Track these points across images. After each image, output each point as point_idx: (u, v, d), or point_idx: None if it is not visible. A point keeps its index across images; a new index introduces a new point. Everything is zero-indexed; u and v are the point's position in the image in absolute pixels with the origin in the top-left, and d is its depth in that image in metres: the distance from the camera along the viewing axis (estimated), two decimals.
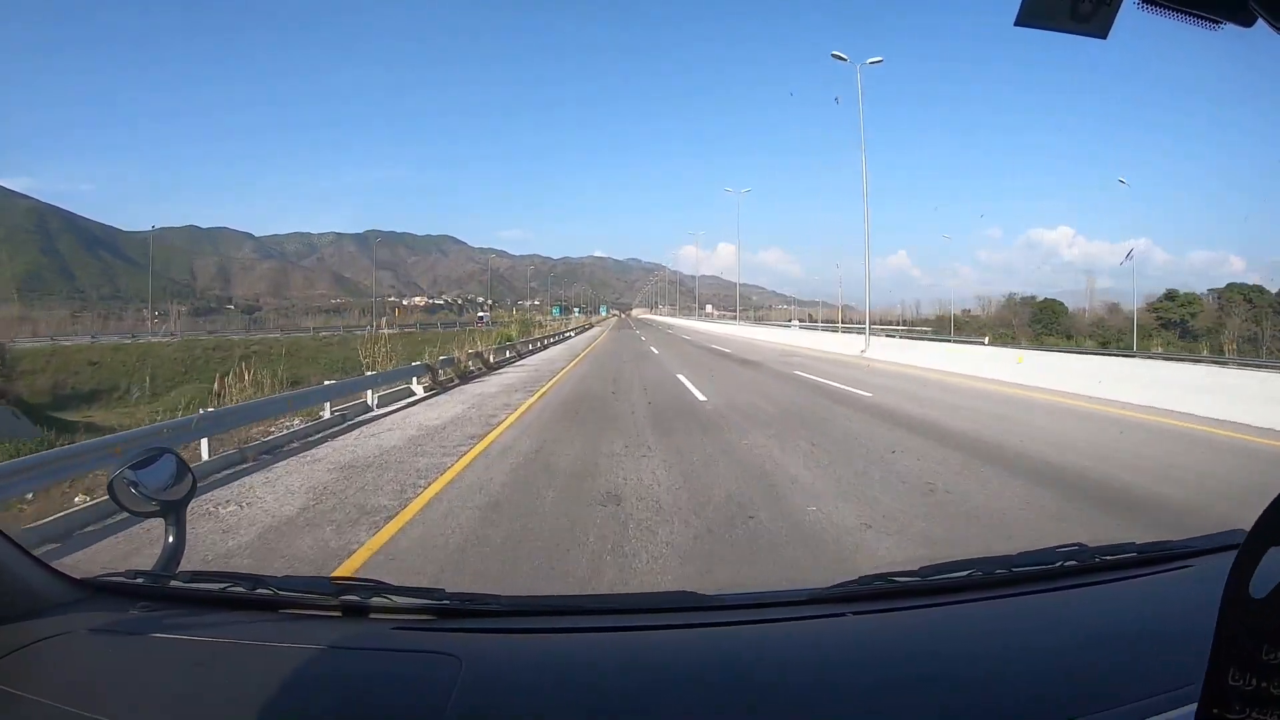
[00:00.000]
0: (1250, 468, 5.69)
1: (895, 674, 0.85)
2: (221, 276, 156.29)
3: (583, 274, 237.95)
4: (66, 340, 36.30)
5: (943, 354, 16.44)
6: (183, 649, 0.90)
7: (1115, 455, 5.93)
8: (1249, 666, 0.45)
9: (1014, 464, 5.48)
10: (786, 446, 6.12)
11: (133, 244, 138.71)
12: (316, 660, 0.87)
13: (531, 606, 1.10)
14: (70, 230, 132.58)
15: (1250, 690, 0.45)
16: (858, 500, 4.36)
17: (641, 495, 4.48)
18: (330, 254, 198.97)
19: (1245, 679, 0.45)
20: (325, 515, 4.20)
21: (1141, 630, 0.94)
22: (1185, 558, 1.13)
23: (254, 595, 1.02)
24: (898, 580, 1.06)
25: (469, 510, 4.22)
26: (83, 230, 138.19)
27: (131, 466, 1.08)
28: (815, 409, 8.79)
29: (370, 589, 1.00)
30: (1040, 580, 1.08)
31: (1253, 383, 9.06)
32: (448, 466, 5.51)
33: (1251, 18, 0.60)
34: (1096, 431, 7.25)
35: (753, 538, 3.65)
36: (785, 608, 1.02)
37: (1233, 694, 0.46)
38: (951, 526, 3.87)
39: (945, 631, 0.96)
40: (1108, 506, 4.30)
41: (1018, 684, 0.82)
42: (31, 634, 0.89)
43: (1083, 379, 10.72)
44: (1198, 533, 1.19)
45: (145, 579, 1.04)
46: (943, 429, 7.26)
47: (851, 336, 23.67)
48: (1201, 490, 4.79)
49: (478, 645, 0.91)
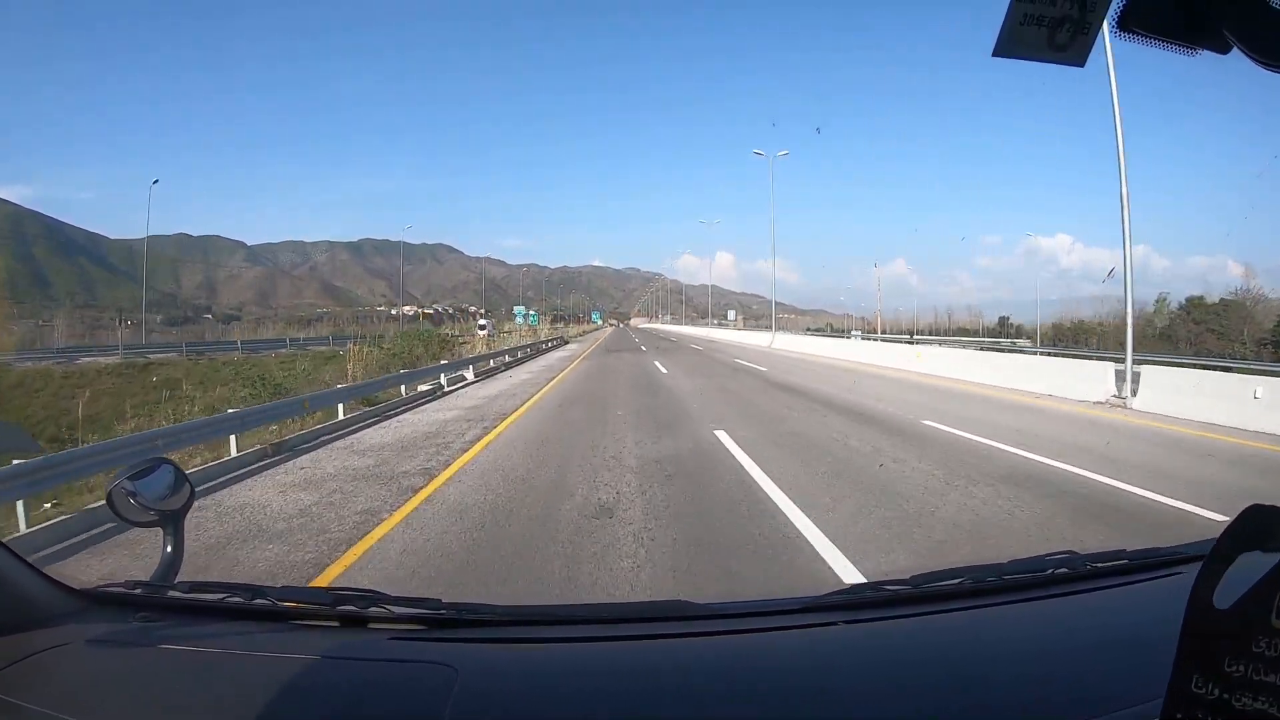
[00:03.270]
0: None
1: (888, 682, 0.85)
2: (207, 285, 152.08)
3: (580, 282, 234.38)
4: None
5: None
6: (182, 659, 0.91)
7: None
8: (1212, 676, 0.47)
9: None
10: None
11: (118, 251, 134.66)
12: (314, 670, 0.88)
13: (526, 616, 1.08)
14: (49, 236, 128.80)
15: (1213, 699, 0.46)
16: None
17: None
18: (324, 263, 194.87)
19: (1208, 688, 0.47)
20: None
21: (1132, 637, 0.94)
22: (1176, 564, 1.13)
23: (252, 605, 1.02)
24: (889, 589, 1.06)
25: None
26: (63, 237, 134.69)
27: (130, 476, 1.09)
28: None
29: (367, 599, 1.01)
30: (1031, 588, 1.09)
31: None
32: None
33: (1226, 45, 0.61)
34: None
35: None
36: (777, 616, 1.03)
37: (1195, 701, 0.47)
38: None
39: (937, 639, 0.97)
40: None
41: (1010, 691, 0.83)
42: (31, 645, 0.89)
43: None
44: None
45: (144, 589, 1.04)
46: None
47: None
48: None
49: (474, 655, 0.92)
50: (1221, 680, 0.46)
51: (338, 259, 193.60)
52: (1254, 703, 0.45)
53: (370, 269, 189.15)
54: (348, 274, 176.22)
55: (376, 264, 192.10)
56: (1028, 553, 1.25)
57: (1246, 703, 0.45)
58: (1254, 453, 6.64)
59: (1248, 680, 0.46)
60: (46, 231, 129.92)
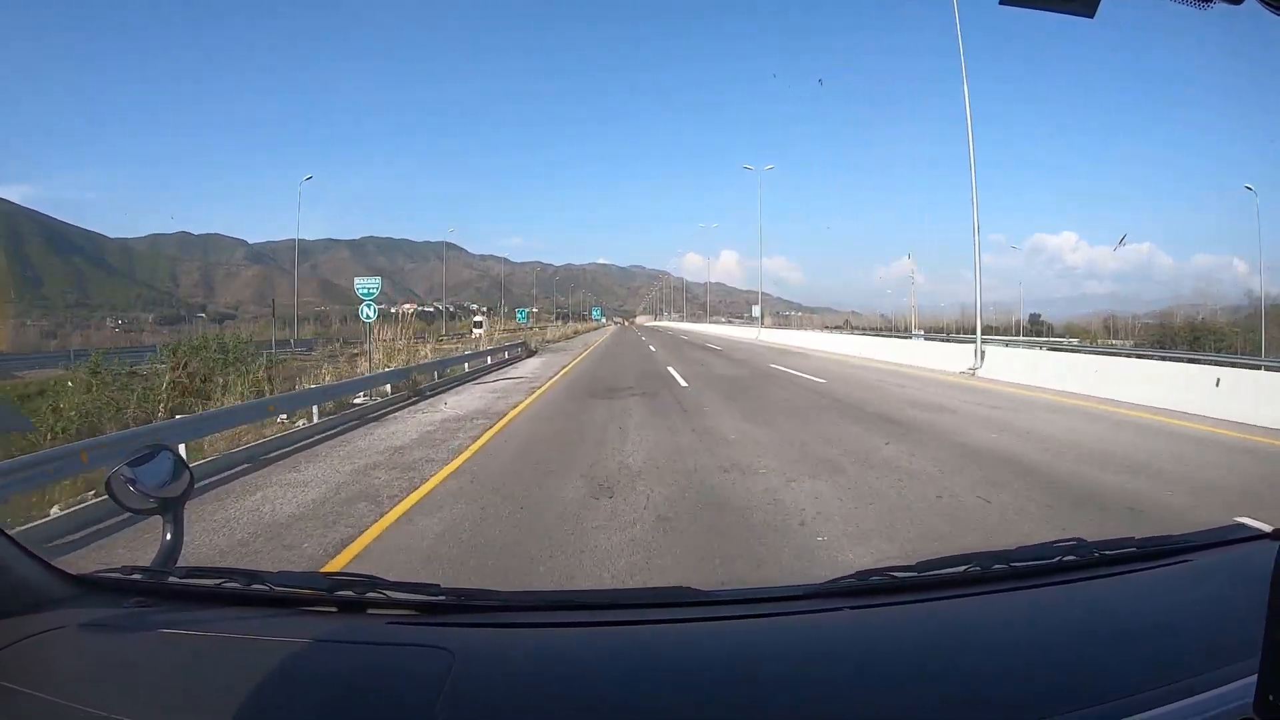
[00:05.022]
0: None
1: (893, 669, 0.85)
2: (205, 284, 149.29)
3: (585, 280, 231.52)
4: None
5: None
6: (178, 644, 0.91)
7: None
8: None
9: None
10: None
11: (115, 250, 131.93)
12: (311, 655, 0.87)
13: (526, 602, 1.07)
14: (43, 235, 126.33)
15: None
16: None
17: None
18: (325, 261, 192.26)
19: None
20: None
21: (1141, 624, 0.93)
22: (1184, 552, 1.13)
23: (250, 590, 1.01)
24: (895, 575, 1.05)
25: None
26: (59, 236, 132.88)
27: (129, 464, 1.08)
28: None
29: (365, 584, 1.00)
30: (1039, 575, 1.08)
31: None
32: None
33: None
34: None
35: None
36: (782, 603, 1.02)
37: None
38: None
39: (943, 626, 0.96)
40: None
41: (1016, 678, 0.83)
42: (27, 629, 0.89)
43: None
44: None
45: (142, 575, 1.04)
46: None
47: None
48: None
49: (471, 639, 0.91)
50: None
51: (338, 256, 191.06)
52: None
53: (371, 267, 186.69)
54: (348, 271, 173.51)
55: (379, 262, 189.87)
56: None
57: None
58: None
59: None
60: (40, 230, 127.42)
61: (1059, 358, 14.36)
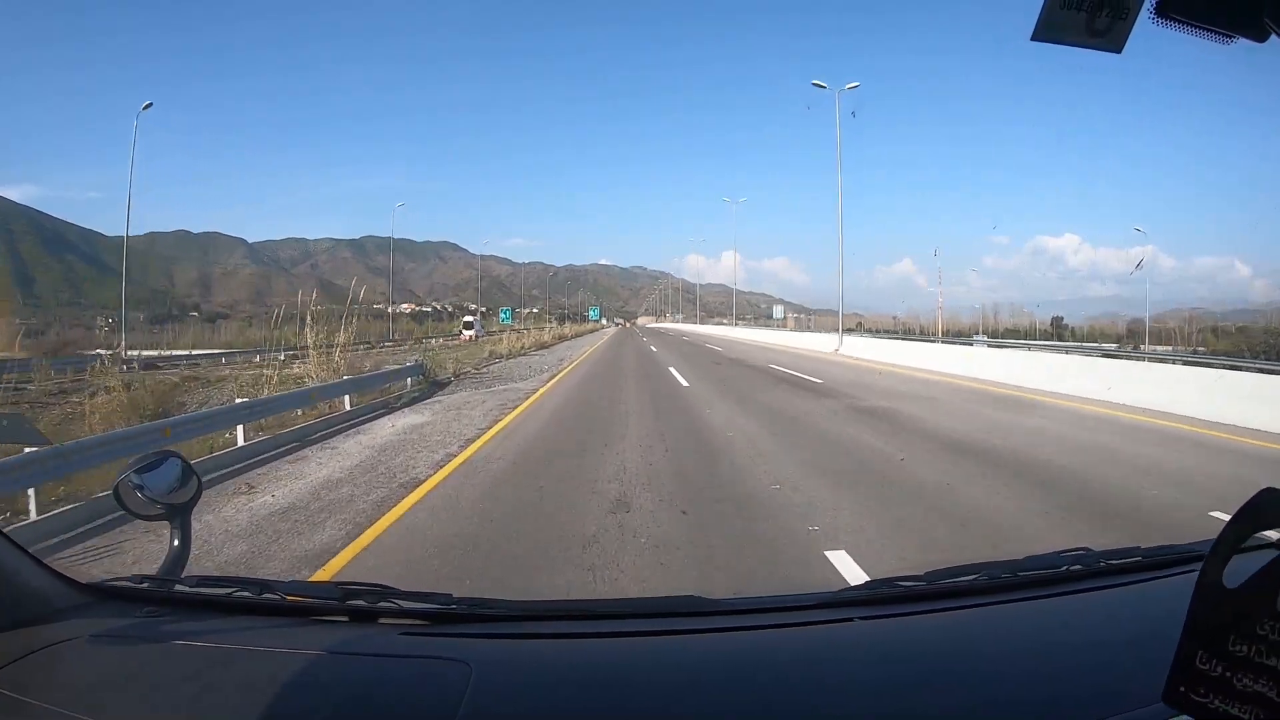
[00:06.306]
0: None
1: (903, 678, 0.85)
2: (202, 283, 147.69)
3: (586, 281, 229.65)
4: None
5: None
6: (189, 654, 0.91)
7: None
8: (1217, 654, 0.47)
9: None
10: None
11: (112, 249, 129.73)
12: (324, 665, 0.87)
13: (539, 611, 1.08)
14: (36, 233, 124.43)
15: (1216, 676, 0.47)
16: None
17: None
18: (325, 260, 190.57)
19: (1212, 665, 0.48)
20: None
21: (1148, 634, 0.93)
22: (1191, 561, 1.12)
23: (260, 600, 1.01)
24: (904, 585, 1.06)
25: None
26: (53, 234, 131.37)
27: (137, 470, 1.08)
28: None
29: (377, 594, 1.01)
30: (1046, 584, 1.09)
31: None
32: None
33: (1264, 33, 0.60)
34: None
35: None
36: (792, 613, 1.02)
37: (1199, 677, 0.48)
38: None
39: (952, 635, 0.97)
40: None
41: (1025, 687, 0.83)
42: (38, 640, 0.89)
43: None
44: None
45: (151, 583, 1.04)
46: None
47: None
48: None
49: (486, 650, 0.91)
50: (1226, 659, 0.47)
51: (339, 256, 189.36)
52: (1254, 685, 0.46)
53: (372, 267, 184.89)
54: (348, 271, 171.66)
55: (379, 262, 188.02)
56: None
57: (1247, 684, 0.46)
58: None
59: (1250, 661, 0.46)
60: (33, 228, 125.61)
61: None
